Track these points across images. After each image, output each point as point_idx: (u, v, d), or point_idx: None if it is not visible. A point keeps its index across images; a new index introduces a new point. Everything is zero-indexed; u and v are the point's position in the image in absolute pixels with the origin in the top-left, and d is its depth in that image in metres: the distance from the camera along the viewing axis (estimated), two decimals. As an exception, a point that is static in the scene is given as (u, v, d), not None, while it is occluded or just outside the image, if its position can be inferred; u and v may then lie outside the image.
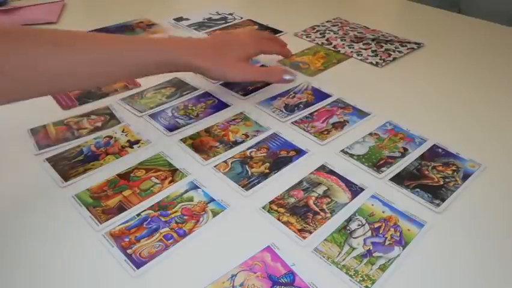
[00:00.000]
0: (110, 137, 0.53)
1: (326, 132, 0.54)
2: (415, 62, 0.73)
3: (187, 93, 0.62)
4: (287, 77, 0.59)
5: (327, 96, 0.62)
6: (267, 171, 0.48)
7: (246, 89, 0.63)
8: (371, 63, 0.71)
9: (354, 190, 0.45)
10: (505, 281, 0.37)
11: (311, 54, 0.74)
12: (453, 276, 0.37)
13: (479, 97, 0.62)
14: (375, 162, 0.49)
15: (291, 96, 0.62)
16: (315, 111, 0.58)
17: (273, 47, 0.67)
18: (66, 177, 0.47)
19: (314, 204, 0.44)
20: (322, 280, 0.36)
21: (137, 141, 0.52)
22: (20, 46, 0.42)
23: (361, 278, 0.36)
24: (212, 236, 0.40)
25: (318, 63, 0.71)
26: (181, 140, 0.53)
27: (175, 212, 0.43)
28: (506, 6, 1.00)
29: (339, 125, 0.56)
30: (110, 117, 0.57)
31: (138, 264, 0.37)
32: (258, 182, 0.46)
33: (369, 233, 0.40)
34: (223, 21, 0.88)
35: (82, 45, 0.47)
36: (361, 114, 0.58)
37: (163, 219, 0.42)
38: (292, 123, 0.56)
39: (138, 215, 0.42)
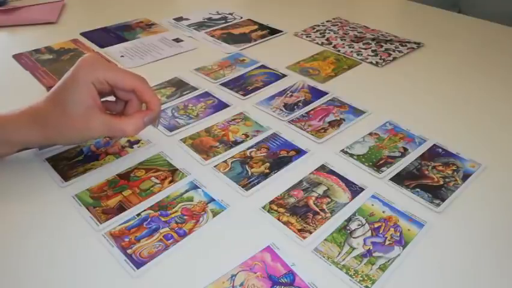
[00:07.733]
0: (110, 137, 0.53)
1: (322, 131, 0.54)
2: (415, 61, 0.73)
3: (187, 93, 0.62)
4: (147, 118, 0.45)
5: (324, 94, 0.62)
6: (267, 171, 0.48)
7: (246, 89, 0.63)
8: (371, 62, 0.71)
9: (354, 190, 0.45)
10: (504, 280, 0.37)
11: (321, 60, 0.72)
12: (453, 276, 0.37)
13: (480, 97, 0.62)
14: (375, 162, 0.49)
15: (288, 96, 0.62)
16: (312, 109, 0.59)
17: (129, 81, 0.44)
18: (66, 177, 0.47)
19: (314, 204, 0.44)
20: (322, 280, 0.36)
21: (137, 141, 0.52)
22: None
23: (361, 278, 0.36)
24: (212, 236, 0.40)
25: (328, 69, 0.69)
26: (181, 140, 0.53)
27: (175, 212, 0.43)
28: (506, 6, 1.00)
29: (336, 123, 0.56)
30: (110, 117, 0.57)
31: (138, 264, 0.37)
32: (258, 182, 0.46)
33: (369, 233, 0.40)
34: (223, 21, 0.88)
35: None
36: (357, 112, 0.58)
37: (163, 219, 0.42)
38: (289, 122, 0.56)
39: (138, 215, 0.42)
